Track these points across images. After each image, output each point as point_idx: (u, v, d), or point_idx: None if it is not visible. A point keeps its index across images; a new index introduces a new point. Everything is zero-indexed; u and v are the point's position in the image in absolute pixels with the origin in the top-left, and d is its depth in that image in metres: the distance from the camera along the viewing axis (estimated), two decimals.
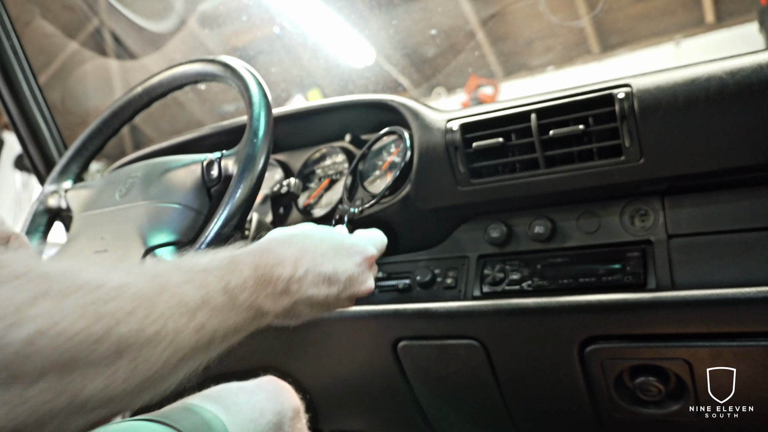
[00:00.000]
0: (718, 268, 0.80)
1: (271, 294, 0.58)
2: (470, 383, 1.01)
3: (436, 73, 4.98)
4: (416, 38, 4.70)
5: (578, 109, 0.87)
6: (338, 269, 0.67)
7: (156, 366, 0.43)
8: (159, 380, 0.44)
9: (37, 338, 0.35)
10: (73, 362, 0.37)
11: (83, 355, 0.37)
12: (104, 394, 0.39)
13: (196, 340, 0.47)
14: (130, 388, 0.41)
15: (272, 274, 0.59)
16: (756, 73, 0.75)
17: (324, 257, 0.66)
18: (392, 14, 4.36)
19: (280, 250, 0.62)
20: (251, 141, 0.81)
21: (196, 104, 4.69)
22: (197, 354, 0.49)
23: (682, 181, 0.83)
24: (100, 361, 0.38)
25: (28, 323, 0.35)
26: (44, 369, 0.35)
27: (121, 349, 0.39)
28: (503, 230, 0.95)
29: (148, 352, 0.42)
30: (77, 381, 0.37)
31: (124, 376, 0.40)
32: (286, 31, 4.05)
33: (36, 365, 0.35)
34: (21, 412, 0.35)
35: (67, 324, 0.36)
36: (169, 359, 0.44)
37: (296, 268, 0.62)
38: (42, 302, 0.36)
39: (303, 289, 0.63)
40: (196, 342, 0.47)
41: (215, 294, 0.51)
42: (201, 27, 4.22)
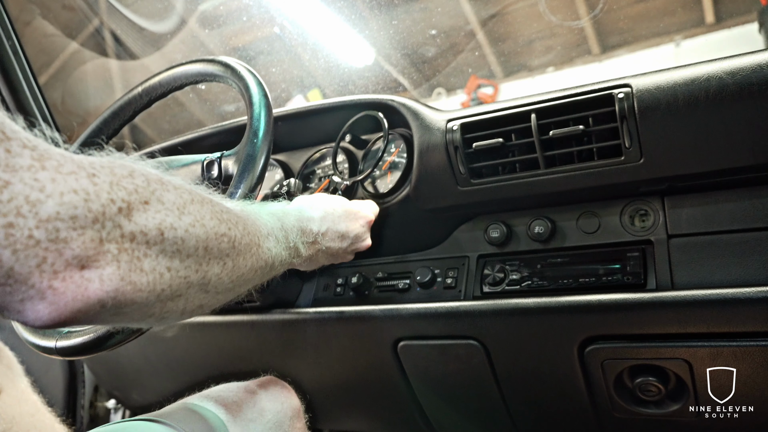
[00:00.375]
0: (718, 268, 0.80)
1: (304, 242, 0.78)
2: (470, 383, 1.01)
3: (436, 73, 4.98)
4: (416, 38, 4.70)
5: (578, 109, 0.87)
6: (349, 228, 0.88)
7: (244, 269, 0.58)
8: (241, 284, 0.59)
9: (191, 226, 0.49)
10: (207, 249, 0.51)
11: (212, 245, 0.52)
12: (217, 280, 0.54)
13: (264, 259, 0.63)
14: (227, 283, 0.55)
15: (306, 227, 0.80)
16: (756, 73, 0.75)
17: (339, 219, 0.87)
18: (392, 14, 4.36)
19: (310, 211, 0.83)
20: (251, 141, 0.81)
21: (197, 104, 4.69)
22: (263, 272, 0.64)
23: (682, 181, 0.83)
24: (220, 253, 0.53)
25: (187, 215, 0.49)
26: (193, 249, 0.49)
27: (231, 248, 0.55)
28: (503, 230, 0.95)
29: (242, 256, 0.57)
30: (206, 265, 0.51)
31: (228, 270, 0.55)
32: (286, 31, 4.05)
33: (191, 245, 0.49)
34: (168, 279, 0.47)
35: (207, 220, 0.52)
36: (251, 267, 0.59)
37: (321, 225, 0.83)
38: (192, 204, 0.51)
39: (324, 242, 0.84)
40: (264, 261, 0.63)
41: (277, 230, 0.69)
42: (201, 27, 4.22)
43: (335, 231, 0.86)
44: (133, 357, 1.41)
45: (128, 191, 0.44)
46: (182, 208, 0.49)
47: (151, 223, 0.45)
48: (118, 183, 0.44)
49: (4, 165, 0.37)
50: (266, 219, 0.67)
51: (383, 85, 4.47)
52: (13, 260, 0.37)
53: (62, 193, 0.39)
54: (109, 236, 0.42)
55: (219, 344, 1.24)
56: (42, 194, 0.38)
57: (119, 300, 0.43)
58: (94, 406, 1.65)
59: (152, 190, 0.47)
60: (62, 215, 0.39)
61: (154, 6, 3.52)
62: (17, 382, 1.04)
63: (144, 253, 0.44)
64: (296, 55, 4.44)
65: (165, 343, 1.30)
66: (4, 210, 0.36)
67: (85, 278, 0.40)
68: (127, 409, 1.66)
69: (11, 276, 0.37)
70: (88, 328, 0.76)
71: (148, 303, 0.46)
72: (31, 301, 0.39)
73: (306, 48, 4.33)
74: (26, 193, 0.37)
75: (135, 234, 0.44)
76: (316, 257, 0.85)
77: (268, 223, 0.67)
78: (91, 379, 1.63)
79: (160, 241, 0.46)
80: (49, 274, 0.39)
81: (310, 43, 4.23)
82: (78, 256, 0.40)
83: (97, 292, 0.41)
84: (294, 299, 1.12)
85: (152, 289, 0.45)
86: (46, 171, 0.39)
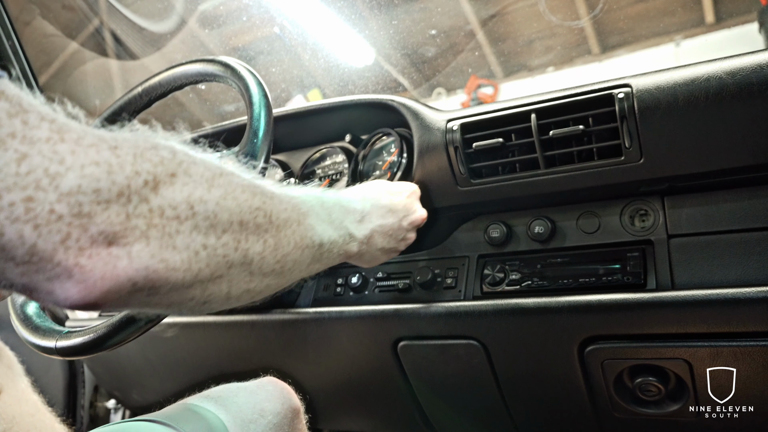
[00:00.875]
0: (718, 268, 0.80)
1: (352, 221, 0.73)
2: (470, 383, 1.01)
3: (436, 73, 4.98)
4: (416, 38, 4.70)
5: (578, 109, 0.87)
6: (394, 200, 0.83)
7: (288, 248, 0.54)
8: (290, 266, 0.55)
9: (222, 199, 0.46)
10: (242, 224, 0.48)
11: (247, 219, 0.49)
12: (261, 260, 0.50)
13: (309, 236, 0.59)
14: (272, 264, 0.52)
15: (349, 206, 0.74)
16: (756, 73, 0.75)
17: (380, 194, 0.82)
18: (392, 14, 4.36)
19: (348, 193, 0.79)
20: (251, 141, 0.81)
21: (196, 104, 4.69)
22: (311, 252, 0.60)
23: (682, 181, 0.83)
24: (257, 228, 0.50)
25: (217, 188, 0.46)
26: (228, 223, 0.46)
27: (269, 222, 0.51)
28: (503, 230, 0.95)
29: (283, 232, 0.54)
30: (245, 242, 0.48)
31: (271, 248, 0.52)
32: (286, 31, 4.05)
33: (224, 219, 0.46)
34: (205, 257, 0.44)
35: (238, 193, 0.48)
36: (296, 245, 0.56)
37: (364, 203, 0.77)
38: (221, 177, 0.47)
39: (374, 219, 0.78)
40: (310, 240, 0.59)
41: (317, 206, 0.63)
42: (201, 27, 4.22)
43: (381, 206, 0.80)
44: (133, 357, 1.41)
45: (153, 163, 0.42)
46: (211, 180, 0.46)
47: (179, 196, 0.43)
48: (143, 155, 0.42)
49: (21, 137, 0.35)
50: (302, 196, 0.61)
51: (383, 85, 4.47)
52: (35, 236, 0.35)
53: (83, 166, 0.37)
54: (136, 211, 0.40)
55: (219, 344, 1.24)
56: (62, 167, 0.36)
57: (152, 279, 0.41)
58: (94, 406, 1.65)
59: (179, 162, 0.44)
60: (84, 188, 0.37)
61: (154, 6, 3.52)
62: (17, 382, 1.04)
63: (176, 230, 0.42)
64: (296, 55, 4.44)
65: (165, 343, 1.30)
66: (22, 183, 0.35)
67: (113, 255, 0.38)
68: (127, 409, 1.66)
69: (35, 253, 0.36)
70: (88, 327, 0.76)
71: (186, 284, 0.43)
72: (59, 280, 0.37)
73: (306, 48, 4.33)
74: (45, 165, 0.36)
75: (163, 208, 0.41)
76: (373, 240, 0.77)
77: (306, 200, 0.61)
78: (91, 379, 1.63)
79: (191, 215, 0.43)
80: (75, 250, 0.37)
81: (310, 43, 4.23)
82: (104, 232, 0.38)
83: (127, 270, 0.39)
84: (294, 299, 1.12)
85: (188, 267, 0.43)
86: (65, 143, 0.37)
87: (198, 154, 0.48)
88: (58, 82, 3.45)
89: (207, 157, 0.48)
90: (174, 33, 3.47)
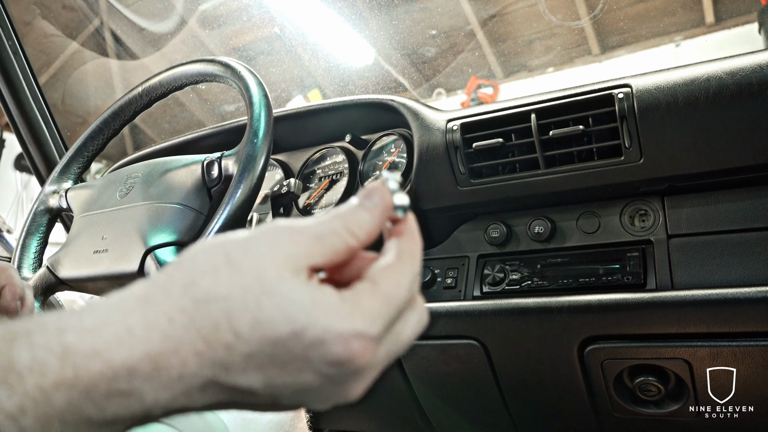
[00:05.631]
0: (717, 268, 0.80)
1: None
2: (470, 383, 1.01)
3: (436, 74, 4.98)
4: (416, 38, 4.70)
5: (578, 110, 0.87)
6: (275, 382, 0.30)
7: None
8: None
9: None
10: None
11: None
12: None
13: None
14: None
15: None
16: (756, 73, 0.75)
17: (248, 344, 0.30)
18: (392, 14, 4.36)
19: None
20: (251, 141, 0.81)
21: (197, 104, 4.69)
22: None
23: (682, 181, 0.83)
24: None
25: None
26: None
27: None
28: (503, 230, 0.95)
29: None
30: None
31: None
32: (286, 31, 4.05)
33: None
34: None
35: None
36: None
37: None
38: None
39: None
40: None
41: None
42: (201, 27, 4.22)
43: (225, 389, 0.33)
44: None
45: None
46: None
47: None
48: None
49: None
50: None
51: (383, 85, 4.47)
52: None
53: None
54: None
55: None
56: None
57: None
58: None
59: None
60: None
61: (154, 6, 3.52)
62: None
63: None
64: (296, 55, 4.44)
65: None
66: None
67: None
68: None
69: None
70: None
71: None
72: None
73: (306, 48, 4.33)
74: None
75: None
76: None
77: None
78: None
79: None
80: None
81: (310, 43, 4.23)
82: None
83: None
84: None
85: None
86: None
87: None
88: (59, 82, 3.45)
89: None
90: (174, 33, 3.47)
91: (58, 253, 0.94)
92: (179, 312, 0.29)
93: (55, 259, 0.93)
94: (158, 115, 4.47)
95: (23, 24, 2.31)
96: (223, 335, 0.28)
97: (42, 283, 0.93)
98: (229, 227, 0.77)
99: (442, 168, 0.96)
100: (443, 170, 0.96)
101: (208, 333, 0.28)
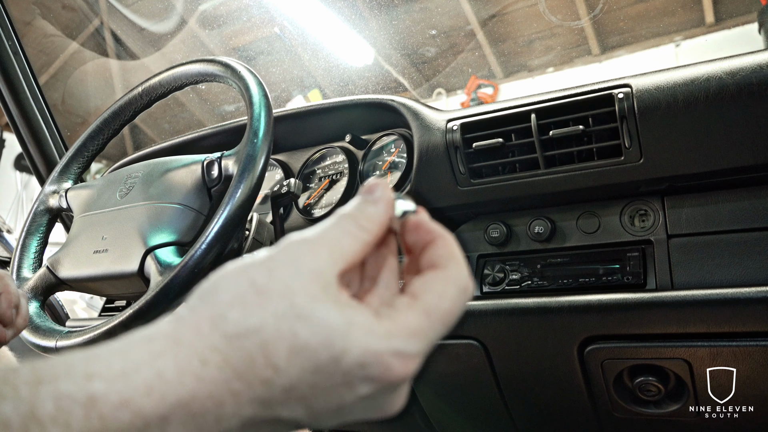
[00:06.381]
0: (717, 268, 0.80)
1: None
2: (470, 383, 1.01)
3: (436, 74, 4.98)
4: (416, 38, 4.70)
5: (578, 110, 0.87)
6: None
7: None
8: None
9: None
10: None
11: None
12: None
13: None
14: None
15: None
16: (756, 73, 0.75)
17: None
18: (392, 14, 4.36)
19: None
20: (251, 141, 0.81)
21: (197, 104, 4.69)
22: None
23: (682, 181, 0.83)
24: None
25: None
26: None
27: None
28: (503, 230, 0.95)
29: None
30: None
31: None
32: (286, 31, 4.05)
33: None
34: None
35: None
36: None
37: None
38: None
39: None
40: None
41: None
42: (201, 27, 4.22)
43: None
44: None
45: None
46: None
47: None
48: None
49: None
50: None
51: (383, 85, 4.48)
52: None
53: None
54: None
55: None
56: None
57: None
58: None
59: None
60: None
61: (154, 6, 3.52)
62: None
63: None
64: (296, 55, 4.44)
65: None
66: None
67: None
68: None
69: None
70: (87, 327, 0.76)
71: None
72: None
73: (306, 48, 4.33)
74: None
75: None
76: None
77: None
78: None
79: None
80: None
81: (310, 43, 4.23)
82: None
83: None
84: None
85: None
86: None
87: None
88: (59, 82, 3.45)
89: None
90: (174, 33, 3.48)
91: (58, 253, 0.94)
92: (211, 351, 0.27)
93: (55, 259, 0.93)
94: (158, 115, 4.48)
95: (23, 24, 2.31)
96: (259, 371, 0.27)
97: (42, 283, 0.94)
98: (229, 227, 0.77)
99: (442, 168, 0.96)
100: (443, 170, 0.96)
101: (244, 370, 0.27)
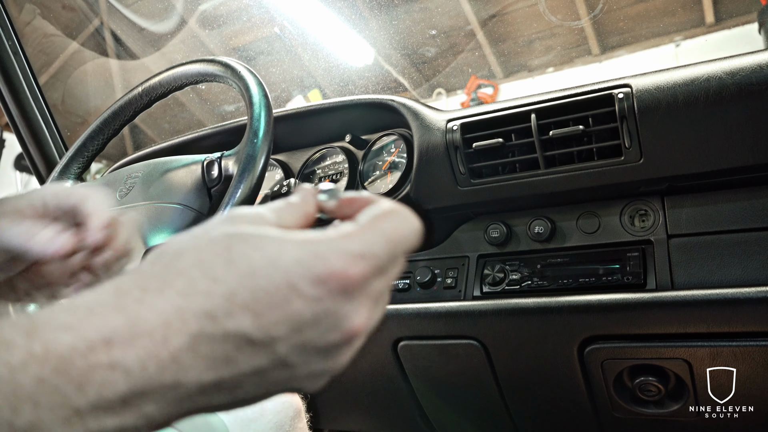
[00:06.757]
0: (717, 268, 0.80)
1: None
2: (470, 383, 1.01)
3: (436, 74, 4.98)
4: (416, 38, 4.70)
5: (578, 110, 0.87)
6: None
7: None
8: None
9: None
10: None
11: None
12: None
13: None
14: None
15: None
16: (756, 73, 0.75)
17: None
18: (392, 14, 4.36)
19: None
20: (251, 141, 0.81)
21: (197, 104, 4.69)
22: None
23: (682, 181, 0.83)
24: None
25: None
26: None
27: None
28: (503, 230, 0.95)
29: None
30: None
31: None
32: (286, 31, 4.05)
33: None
34: None
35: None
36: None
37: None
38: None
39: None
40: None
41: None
42: (201, 27, 4.22)
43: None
44: None
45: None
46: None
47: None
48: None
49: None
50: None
51: (383, 85, 4.48)
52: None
53: None
54: None
55: None
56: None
57: None
58: None
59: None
60: None
61: (154, 6, 3.52)
62: None
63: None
64: (296, 56, 4.44)
65: None
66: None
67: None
68: None
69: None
70: None
71: None
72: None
73: (306, 48, 4.33)
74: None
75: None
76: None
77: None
78: None
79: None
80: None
81: (310, 43, 4.23)
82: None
83: None
84: None
85: None
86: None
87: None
88: (58, 82, 3.45)
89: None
90: (174, 33, 3.48)
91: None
92: (151, 279, 0.28)
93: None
94: (158, 115, 4.48)
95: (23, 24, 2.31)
96: (198, 284, 0.28)
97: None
98: None
99: (442, 168, 0.96)
100: (443, 170, 0.96)
101: (183, 287, 0.27)
